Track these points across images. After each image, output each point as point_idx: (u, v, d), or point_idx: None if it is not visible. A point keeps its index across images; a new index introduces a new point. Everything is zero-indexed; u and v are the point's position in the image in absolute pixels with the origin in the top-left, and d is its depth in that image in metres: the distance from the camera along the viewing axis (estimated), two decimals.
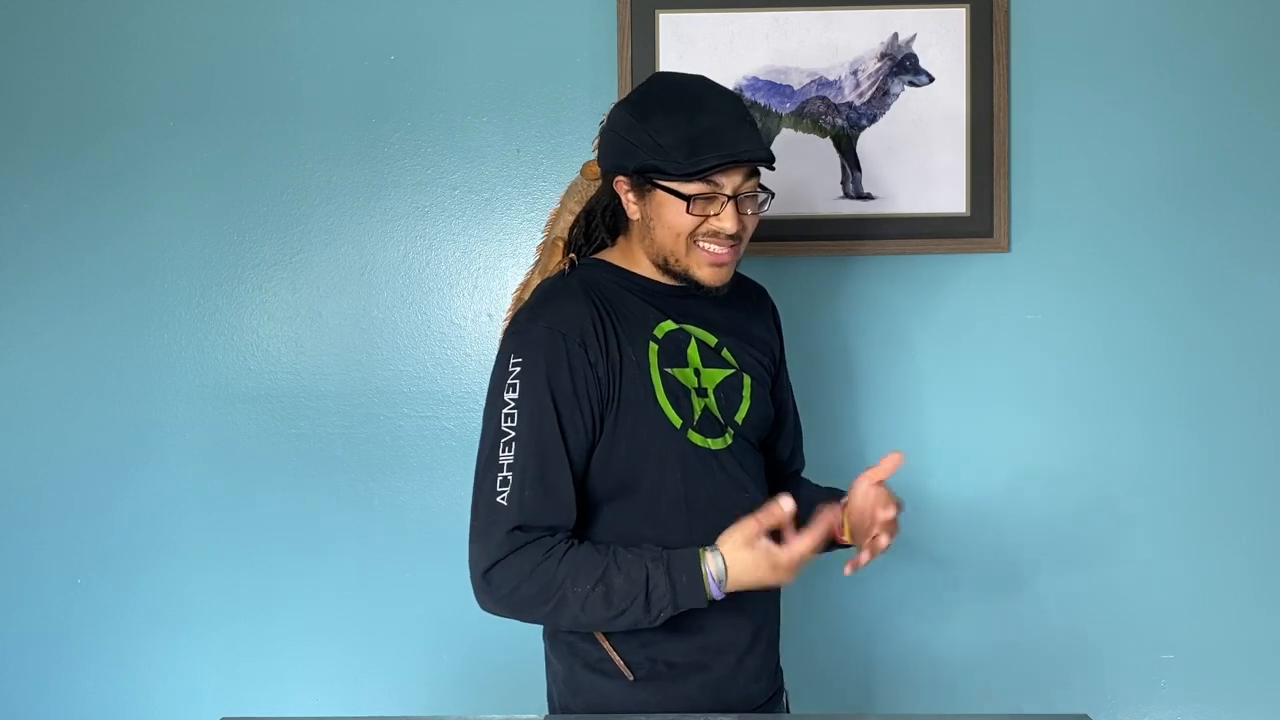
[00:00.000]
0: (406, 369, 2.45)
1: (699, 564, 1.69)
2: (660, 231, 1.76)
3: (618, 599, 1.68)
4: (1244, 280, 2.43)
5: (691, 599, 1.69)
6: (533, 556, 1.68)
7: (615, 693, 1.79)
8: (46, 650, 2.49)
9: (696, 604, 1.70)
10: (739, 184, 1.74)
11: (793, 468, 2.06)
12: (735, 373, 1.85)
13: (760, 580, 1.69)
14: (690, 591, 1.68)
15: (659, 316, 1.81)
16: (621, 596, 1.68)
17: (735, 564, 1.69)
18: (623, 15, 2.35)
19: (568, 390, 1.72)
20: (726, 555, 1.69)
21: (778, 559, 1.68)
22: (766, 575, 1.69)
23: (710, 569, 1.69)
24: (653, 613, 1.68)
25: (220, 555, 2.46)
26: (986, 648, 2.46)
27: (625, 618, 1.68)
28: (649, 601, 1.68)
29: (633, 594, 1.67)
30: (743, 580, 1.69)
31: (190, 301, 2.44)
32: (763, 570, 1.68)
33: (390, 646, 2.47)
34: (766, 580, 1.69)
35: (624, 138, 1.76)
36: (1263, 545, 2.46)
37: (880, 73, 2.37)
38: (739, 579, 1.69)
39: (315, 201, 2.43)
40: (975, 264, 2.41)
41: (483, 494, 1.72)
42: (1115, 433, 2.44)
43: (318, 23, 2.41)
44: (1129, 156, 2.41)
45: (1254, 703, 2.47)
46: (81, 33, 2.42)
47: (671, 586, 1.68)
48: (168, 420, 2.45)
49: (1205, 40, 2.40)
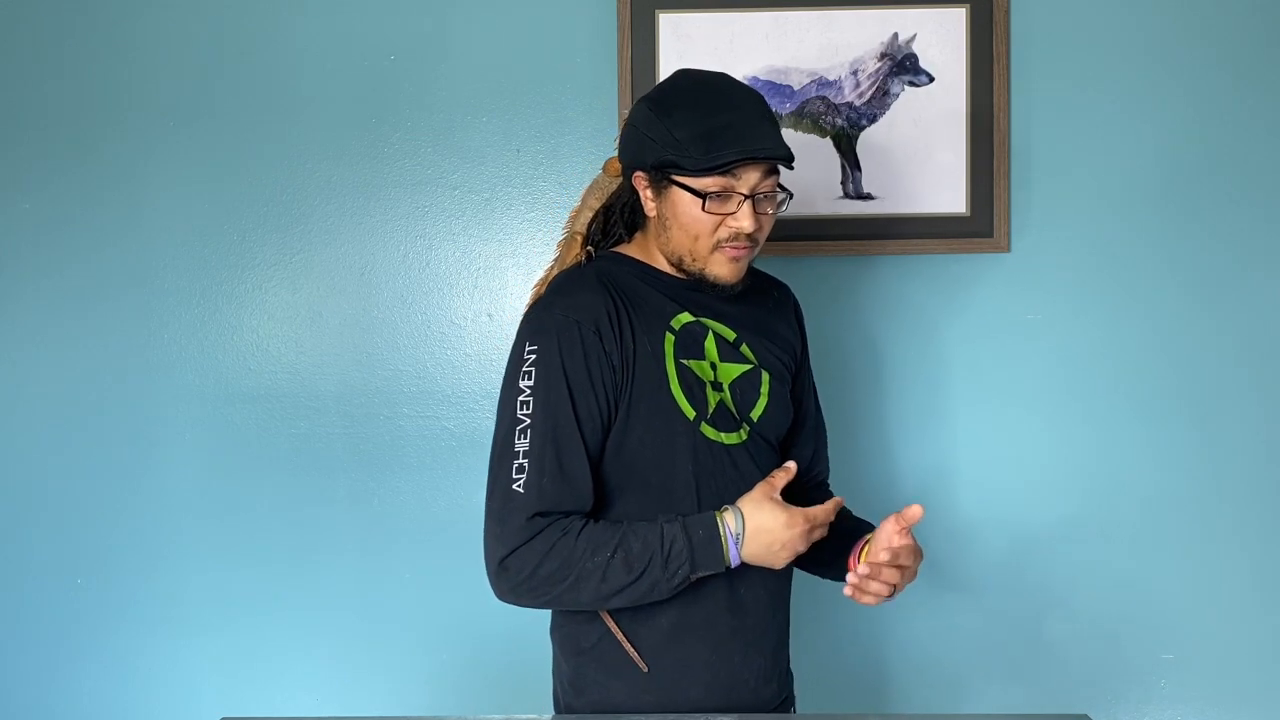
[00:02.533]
0: (406, 369, 2.45)
1: (716, 520, 1.70)
2: (676, 231, 1.75)
3: (637, 562, 1.67)
4: (1243, 280, 2.43)
5: (709, 558, 1.69)
6: (550, 536, 1.68)
7: (622, 692, 1.78)
8: (46, 650, 2.49)
9: (715, 566, 1.69)
10: (756, 182, 1.72)
11: (815, 473, 2.02)
12: (753, 369, 1.84)
13: (776, 539, 1.69)
14: (708, 549, 1.68)
15: (676, 308, 1.80)
16: (640, 557, 1.67)
17: (752, 518, 1.70)
18: (623, 15, 2.35)
19: (583, 377, 1.71)
20: (744, 509, 1.70)
21: (794, 515, 1.70)
22: (781, 532, 1.69)
23: (729, 524, 1.69)
24: (670, 569, 1.67)
25: (220, 555, 2.46)
26: (986, 648, 2.46)
27: (645, 579, 1.67)
28: (667, 560, 1.67)
29: (650, 552, 1.67)
30: (760, 539, 1.69)
31: (190, 301, 2.44)
32: (778, 526, 1.69)
33: (390, 646, 2.47)
34: (781, 538, 1.70)
35: (643, 132, 1.75)
36: (1263, 545, 2.46)
37: (880, 73, 2.37)
38: (756, 535, 1.69)
39: (315, 201, 2.43)
40: (975, 264, 2.41)
41: (498, 481, 1.72)
42: (1115, 432, 2.44)
43: (318, 23, 2.41)
44: (1129, 156, 2.41)
45: (1254, 703, 2.47)
46: (82, 33, 2.42)
47: (689, 541, 1.68)
48: (168, 420, 2.45)
49: (1205, 40, 2.40)
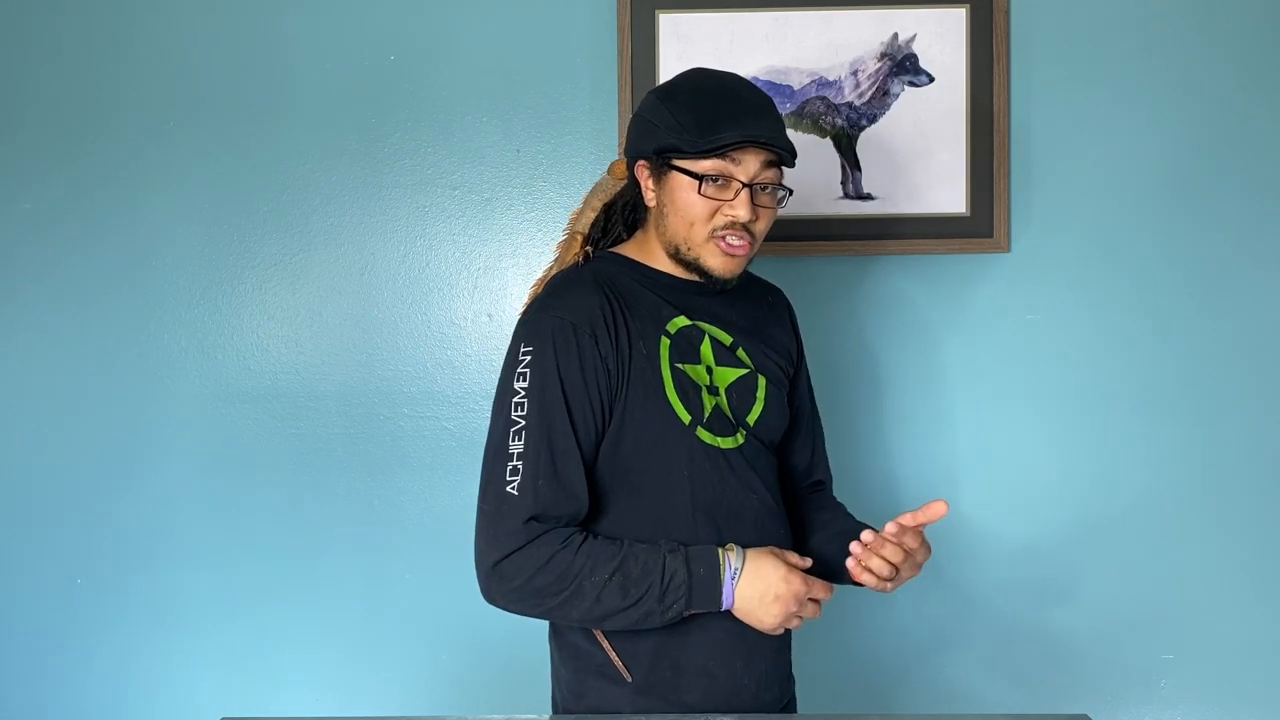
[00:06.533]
0: (406, 369, 2.45)
1: (718, 555, 1.69)
2: (673, 217, 1.76)
3: (634, 588, 1.66)
4: (1244, 279, 2.43)
5: (706, 595, 1.68)
6: (549, 546, 1.67)
7: (620, 699, 1.77)
8: (46, 650, 2.49)
9: (710, 604, 1.69)
10: (755, 172, 1.72)
11: (814, 477, 2.01)
12: (749, 373, 1.83)
13: (770, 589, 1.69)
14: (706, 586, 1.68)
15: (672, 312, 1.79)
16: (637, 585, 1.66)
17: (753, 560, 1.70)
18: (623, 15, 2.35)
19: (577, 379, 1.71)
20: (748, 552, 1.70)
21: (794, 572, 1.70)
22: (777, 583, 1.69)
23: (730, 560, 1.69)
24: (665, 602, 1.67)
25: (220, 555, 2.46)
26: (986, 648, 2.46)
27: (639, 608, 1.67)
28: (664, 592, 1.67)
29: (649, 581, 1.66)
30: (755, 584, 1.69)
31: (190, 301, 2.44)
32: (776, 577, 1.69)
33: (390, 646, 2.47)
34: (776, 589, 1.69)
35: (647, 119, 1.77)
36: (1263, 545, 2.46)
37: (880, 73, 2.37)
38: (753, 579, 1.69)
39: (315, 201, 2.43)
40: (975, 264, 2.41)
41: (492, 483, 1.71)
42: (1116, 432, 2.44)
43: (317, 22, 2.41)
44: (1129, 156, 2.41)
45: (1254, 703, 2.47)
46: (82, 32, 2.42)
47: (689, 577, 1.67)
48: (168, 420, 2.45)
49: (1205, 40, 2.40)
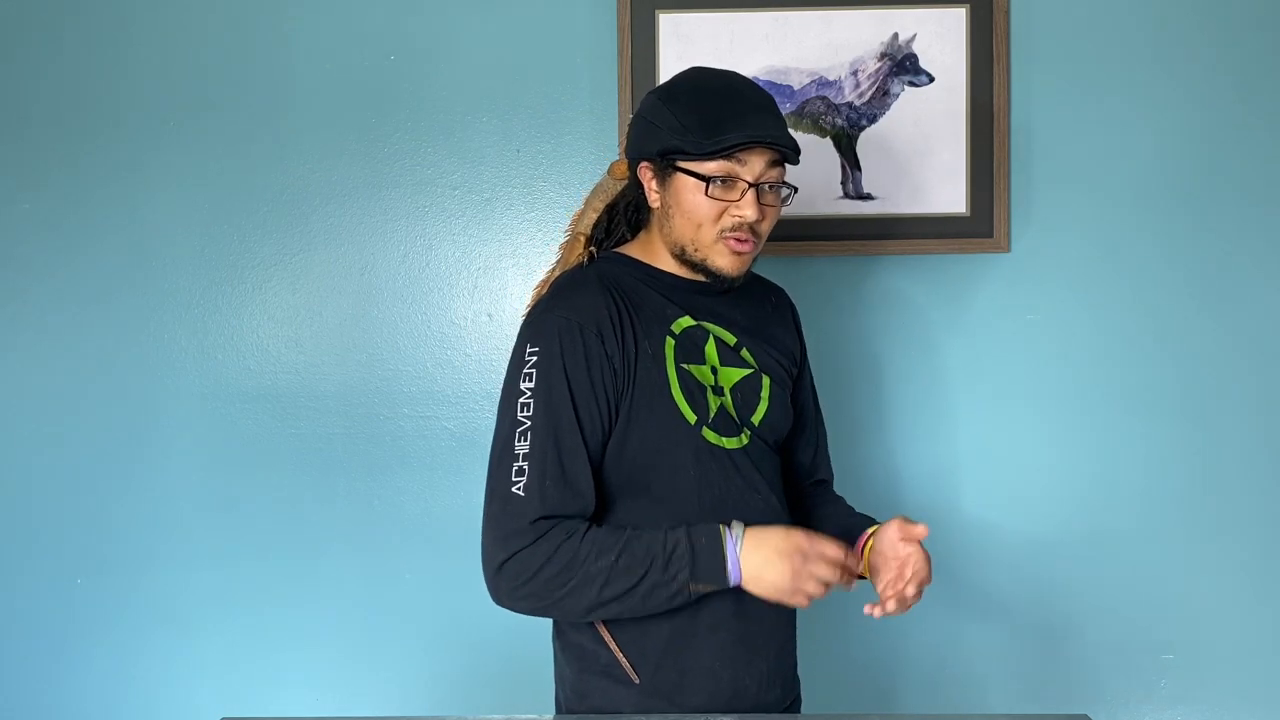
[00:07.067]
0: (406, 369, 2.45)
1: (719, 529, 1.68)
2: (679, 219, 1.75)
3: (638, 565, 1.65)
4: (1244, 280, 2.43)
5: (710, 564, 1.66)
6: (555, 539, 1.66)
7: (624, 699, 1.76)
8: (46, 650, 2.49)
9: (716, 574, 1.67)
10: (761, 171, 1.72)
11: (817, 476, 2.01)
12: (754, 373, 1.83)
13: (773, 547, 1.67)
14: (710, 553, 1.66)
15: (677, 312, 1.79)
16: (641, 562, 1.65)
17: (753, 529, 1.68)
18: (623, 15, 2.35)
19: (584, 379, 1.70)
20: (748, 527, 1.69)
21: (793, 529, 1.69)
22: (781, 541, 1.68)
23: (732, 530, 1.68)
24: (669, 572, 1.65)
25: (220, 555, 2.46)
26: (986, 648, 2.47)
27: (644, 583, 1.65)
28: (668, 562, 1.65)
29: (651, 555, 1.66)
30: (760, 550, 1.67)
31: (190, 301, 2.44)
32: (777, 536, 1.68)
33: (390, 646, 2.47)
34: (780, 546, 1.68)
35: (649, 120, 1.76)
36: (1263, 545, 2.46)
37: (880, 73, 2.37)
38: (756, 545, 1.67)
39: (315, 201, 2.43)
40: (975, 264, 2.41)
41: (498, 484, 1.70)
42: (1115, 432, 2.44)
43: (318, 22, 2.41)
44: (1129, 156, 2.41)
45: (1254, 703, 2.47)
46: (82, 32, 2.42)
47: (691, 547, 1.66)
48: (167, 420, 2.45)
49: (1205, 41, 2.40)
